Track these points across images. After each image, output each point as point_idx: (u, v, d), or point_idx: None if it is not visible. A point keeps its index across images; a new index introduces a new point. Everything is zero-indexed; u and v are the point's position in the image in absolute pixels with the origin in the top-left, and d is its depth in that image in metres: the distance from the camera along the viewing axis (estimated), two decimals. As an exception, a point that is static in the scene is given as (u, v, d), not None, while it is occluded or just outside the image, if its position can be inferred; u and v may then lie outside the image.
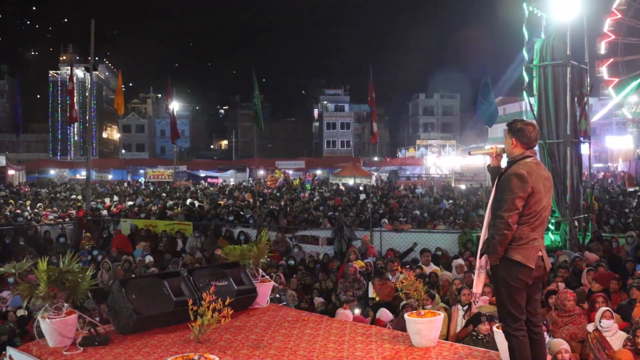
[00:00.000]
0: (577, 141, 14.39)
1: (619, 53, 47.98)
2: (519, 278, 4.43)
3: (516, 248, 4.42)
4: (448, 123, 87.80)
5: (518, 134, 4.59)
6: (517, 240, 4.43)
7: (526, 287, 4.50)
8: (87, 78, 66.53)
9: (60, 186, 44.75)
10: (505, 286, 4.49)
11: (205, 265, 11.05)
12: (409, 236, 15.48)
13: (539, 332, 4.63)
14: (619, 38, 47.26)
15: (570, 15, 14.25)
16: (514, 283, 4.45)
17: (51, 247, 16.93)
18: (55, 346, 5.34)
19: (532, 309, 4.61)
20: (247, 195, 30.01)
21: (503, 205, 4.43)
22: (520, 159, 4.55)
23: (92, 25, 23.21)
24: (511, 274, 4.45)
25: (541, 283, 4.70)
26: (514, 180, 4.41)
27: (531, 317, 4.59)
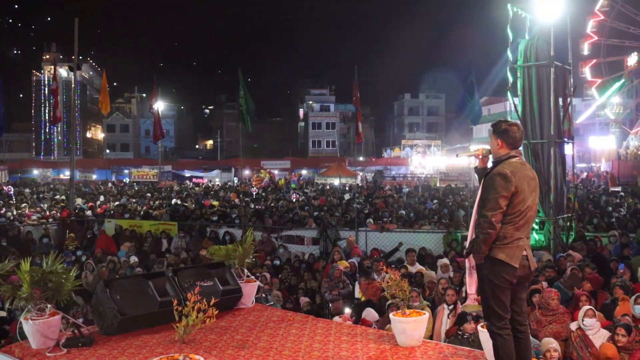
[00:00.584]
0: (560, 141, 14.48)
1: (602, 54, 48.44)
2: (503, 277, 4.45)
3: (500, 247, 4.45)
4: (433, 123, 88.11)
5: (503, 135, 4.62)
6: (502, 239, 4.45)
7: (510, 286, 4.51)
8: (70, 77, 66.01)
9: (44, 186, 44.41)
10: (489, 285, 4.51)
11: (190, 266, 11.01)
12: (394, 236, 15.51)
13: (524, 330, 4.65)
14: (601, 39, 47.69)
15: (554, 16, 14.33)
16: (498, 282, 4.48)
17: (34, 248, 16.79)
18: (38, 347, 5.30)
19: (518, 307, 4.63)
20: (232, 195, 29.94)
21: (487, 204, 4.45)
22: (505, 159, 4.59)
23: (76, 24, 23.06)
24: (495, 272, 4.47)
25: (527, 282, 4.73)
26: (498, 179, 4.44)
27: (517, 316, 4.62)
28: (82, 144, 79.40)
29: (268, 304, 8.10)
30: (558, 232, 13.93)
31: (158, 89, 37.87)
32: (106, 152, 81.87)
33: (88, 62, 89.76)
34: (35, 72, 79.36)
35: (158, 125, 33.03)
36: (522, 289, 4.67)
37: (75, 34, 23.11)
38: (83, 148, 79.34)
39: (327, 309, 9.85)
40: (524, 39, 14.85)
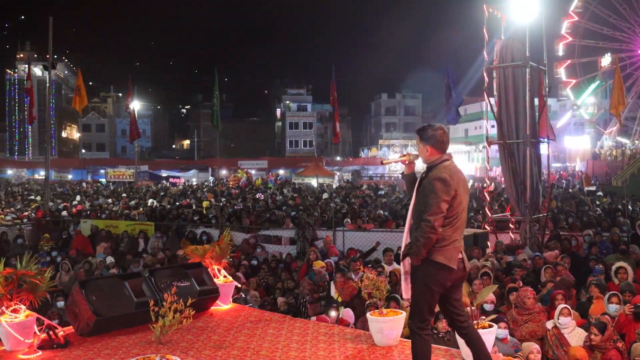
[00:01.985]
0: (536, 141, 14.63)
1: (576, 55, 49.02)
2: (438, 280, 4.49)
3: (439, 249, 4.47)
4: (410, 123, 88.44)
5: (431, 141, 4.65)
6: (440, 241, 4.48)
7: (443, 289, 4.55)
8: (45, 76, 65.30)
9: (18, 186, 43.87)
10: (422, 287, 4.54)
11: (166, 266, 10.94)
12: (372, 235, 15.54)
13: (467, 326, 4.70)
14: (576, 40, 48.26)
15: (529, 17, 14.49)
16: (432, 285, 4.51)
17: (9, 249, 16.56)
18: (12, 349, 5.23)
19: (455, 308, 4.68)
20: (208, 195, 29.83)
21: (429, 209, 4.45)
22: (439, 163, 4.62)
23: (50, 23, 22.83)
24: (431, 275, 4.50)
25: (461, 283, 4.77)
26: (438, 184, 4.46)
27: (457, 316, 4.68)
28: (58, 143, 78.62)
29: (247, 305, 8.07)
30: (534, 231, 14.08)
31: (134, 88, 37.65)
32: (82, 151, 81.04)
33: (63, 61, 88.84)
34: (9, 71, 78.33)
35: (134, 125, 32.77)
36: (457, 291, 4.71)
37: (50, 32, 22.88)
38: (58, 148, 78.57)
39: (304, 309, 9.85)
40: (500, 39, 14.98)
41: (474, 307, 5.07)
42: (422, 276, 4.53)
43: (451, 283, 4.56)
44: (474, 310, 5.05)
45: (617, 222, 16.46)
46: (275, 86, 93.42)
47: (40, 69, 63.17)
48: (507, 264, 11.17)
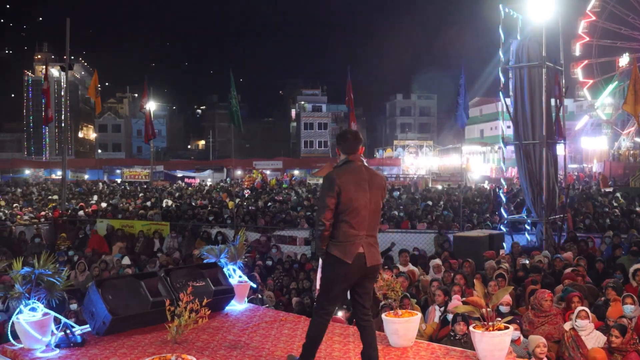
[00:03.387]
0: (552, 142, 14.53)
1: (593, 55, 48.65)
2: (335, 272, 4.81)
3: (336, 244, 4.76)
4: (425, 123, 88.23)
5: (339, 143, 5.00)
6: (336, 237, 4.77)
7: (345, 281, 4.83)
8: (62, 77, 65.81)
9: (36, 186, 44.25)
10: (323, 278, 4.93)
11: (182, 266, 10.98)
12: (387, 236, 15.51)
13: (367, 319, 4.94)
14: (593, 40, 47.90)
15: (545, 17, 14.39)
16: (332, 275, 4.82)
17: (26, 248, 16.73)
18: (30, 347, 5.28)
19: (363, 301, 4.95)
20: (223, 195, 29.89)
21: (318, 205, 4.95)
22: (342, 164, 4.92)
23: (68, 24, 22.99)
24: (331, 266, 4.81)
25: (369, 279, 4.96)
26: (324, 182, 4.86)
27: (362, 308, 4.95)
28: (74, 143, 79.18)
29: (263, 305, 8.08)
30: (550, 232, 13.98)
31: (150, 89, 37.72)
32: (98, 152, 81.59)
33: (80, 62, 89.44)
34: (27, 72, 79.02)
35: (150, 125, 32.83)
36: (365, 284, 4.95)
37: (67, 34, 23.05)
38: (75, 148, 79.12)
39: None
40: (516, 39, 14.90)
41: (490, 308, 5.02)
42: (324, 268, 4.93)
43: (352, 276, 4.81)
44: (489, 312, 5.00)
45: (635, 224, 16.29)
46: (290, 86, 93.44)
47: (57, 70, 63.70)
48: (522, 266, 11.11)
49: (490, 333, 4.85)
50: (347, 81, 24.79)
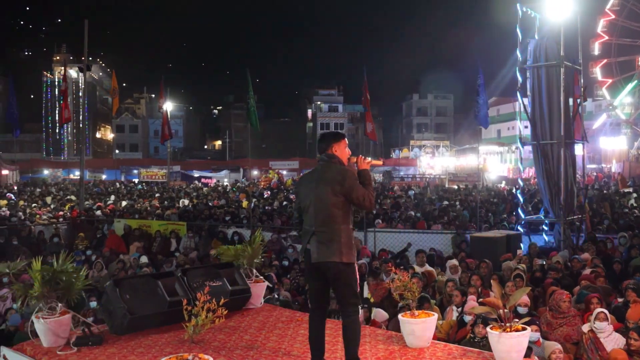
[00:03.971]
0: (570, 142, 14.42)
1: (613, 54, 48.16)
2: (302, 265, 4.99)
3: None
4: (442, 124, 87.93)
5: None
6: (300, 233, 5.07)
7: (306, 276, 5.20)
8: (80, 78, 66.39)
9: (54, 186, 44.67)
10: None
11: (199, 266, 11.03)
12: (403, 236, 15.48)
13: (347, 317, 4.84)
14: (612, 39, 47.43)
15: (563, 16, 14.29)
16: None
17: (45, 247, 16.88)
18: (49, 346, 5.34)
19: (338, 298, 4.99)
20: (241, 195, 29.98)
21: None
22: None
23: (86, 25, 23.16)
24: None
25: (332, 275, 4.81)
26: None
27: (340, 305, 4.93)
28: (92, 144, 79.80)
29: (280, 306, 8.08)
30: (568, 233, 13.87)
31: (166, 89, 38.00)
32: (115, 152, 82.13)
33: (98, 63, 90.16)
34: (46, 73, 79.76)
35: (166, 126, 33.09)
36: (331, 282, 4.88)
37: (85, 35, 23.22)
38: (93, 148, 79.72)
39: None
40: (534, 38, 14.81)
41: (507, 309, 4.98)
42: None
43: (309, 272, 4.97)
44: (507, 313, 4.96)
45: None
46: (306, 87, 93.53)
47: (75, 71, 64.23)
48: (540, 267, 11.02)
49: (508, 334, 4.82)
50: (364, 81, 24.80)
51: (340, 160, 5.05)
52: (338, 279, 4.81)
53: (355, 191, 4.82)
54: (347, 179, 4.85)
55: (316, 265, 4.80)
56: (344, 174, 4.89)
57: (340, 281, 4.82)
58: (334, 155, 5.03)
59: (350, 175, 4.90)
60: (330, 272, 4.78)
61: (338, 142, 5.10)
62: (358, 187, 4.84)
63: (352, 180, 4.86)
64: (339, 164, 5.01)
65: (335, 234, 4.78)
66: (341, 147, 5.09)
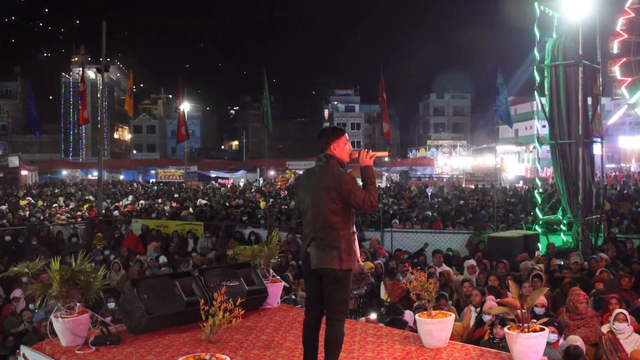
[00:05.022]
0: (589, 141, 14.29)
1: (632, 52, 47.59)
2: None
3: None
4: (459, 123, 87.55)
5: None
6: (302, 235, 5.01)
7: (305, 278, 4.99)
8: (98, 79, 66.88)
9: (73, 186, 45.08)
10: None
11: (216, 266, 11.06)
12: (420, 236, 15.44)
13: (332, 324, 4.67)
14: (632, 37, 46.89)
15: (582, 14, 14.15)
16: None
17: (63, 247, 17.03)
18: (67, 345, 5.38)
19: (326, 304, 4.72)
20: (257, 195, 30.06)
21: None
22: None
23: (104, 27, 23.33)
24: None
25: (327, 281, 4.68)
26: None
27: (327, 311, 4.72)
28: (110, 144, 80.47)
29: (296, 305, 8.09)
30: (586, 233, 13.74)
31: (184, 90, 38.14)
32: (133, 152, 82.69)
33: (115, 64, 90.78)
34: (64, 74, 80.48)
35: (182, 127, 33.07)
36: (324, 286, 4.70)
37: (103, 36, 23.40)
38: (110, 149, 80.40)
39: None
40: (551, 37, 14.69)
41: (524, 310, 4.94)
42: None
43: (307, 276, 4.88)
44: (524, 314, 4.92)
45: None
46: (323, 87, 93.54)
47: (93, 72, 64.61)
48: (558, 267, 10.94)
49: (525, 335, 4.79)
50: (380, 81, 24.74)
51: (340, 160, 4.86)
52: (333, 286, 4.68)
53: (354, 196, 4.63)
54: (344, 184, 4.65)
55: (315, 271, 4.72)
56: (340, 179, 4.68)
57: (335, 288, 4.68)
58: (333, 156, 4.83)
59: (348, 180, 4.69)
60: (328, 277, 4.67)
61: (336, 140, 4.89)
62: (357, 191, 4.64)
63: (350, 185, 4.65)
64: (338, 164, 4.82)
65: (334, 241, 4.64)
66: (340, 145, 4.88)
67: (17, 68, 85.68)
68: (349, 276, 4.73)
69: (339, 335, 4.70)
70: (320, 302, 4.78)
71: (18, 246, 17.02)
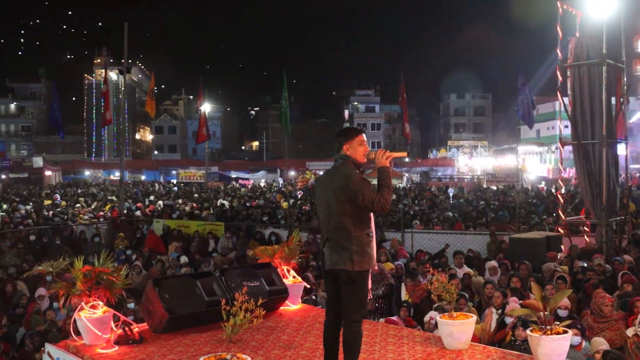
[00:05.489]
0: (613, 141, 14.11)
1: (657, 51, 47.03)
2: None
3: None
4: (480, 123, 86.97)
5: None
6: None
7: (327, 279, 4.93)
8: (120, 80, 67.51)
9: (95, 186, 45.52)
10: None
11: (237, 266, 11.10)
12: (441, 237, 15.37)
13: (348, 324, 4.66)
14: (657, 36, 46.32)
15: (606, 13, 13.96)
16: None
17: (86, 247, 17.21)
18: (91, 343, 5.43)
19: (342, 304, 4.71)
20: (277, 196, 30.11)
21: None
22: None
23: (125, 29, 23.50)
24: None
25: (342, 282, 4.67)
26: None
27: (344, 313, 4.70)
28: (132, 145, 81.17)
29: (317, 306, 8.09)
30: (610, 235, 13.57)
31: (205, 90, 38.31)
32: (154, 153, 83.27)
33: (137, 66, 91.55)
34: (87, 75, 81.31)
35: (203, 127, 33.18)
36: (342, 288, 4.70)
37: (125, 38, 23.56)
38: (132, 149, 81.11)
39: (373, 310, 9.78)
40: (574, 36, 14.54)
41: (547, 312, 4.89)
42: None
43: (324, 276, 4.98)
44: (547, 316, 4.87)
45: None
46: (343, 87, 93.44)
47: (115, 74, 65.41)
48: (582, 269, 10.82)
49: (548, 337, 4.74)
50: (401, 81, 24.69)
51: (355, 160, 4.79)
52: (347, 286, 4.66)
53: (361, 196, 4.56)
54: (351, 184, 4.61)
55: (329, 271, 4.75)
56: (348, 180, 4.64)
57: (349, 289, 4.66)
58: (348, 156, 4.79)
59: (356, 180, 4.63)
60: (342, 278, 4.67)
61: (349, 141, 4.83)
62: (364, 192, 4.56)
63: (357, 186, 4.60)
64: (353, 165, 4.77)
65: (345, 242, 4.62)
66: (354, 146, 4.81)
67: (41, 70, 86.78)
68: (364, 277, 4.70)
69: (356, 336, 4.68)
70: (338, 302, 4.76)
71: (42, 245, 17.24)
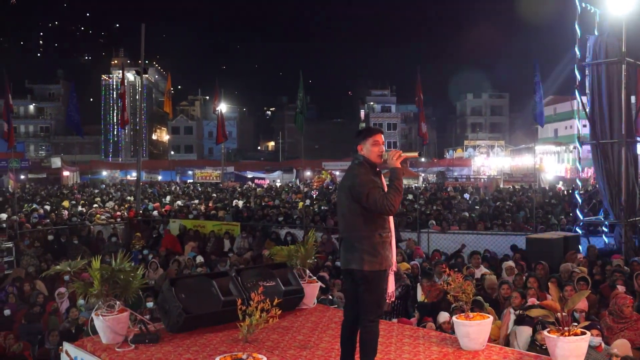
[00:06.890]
0: (632, 141, 13.96)
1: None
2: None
3: None
4: (497, 123, 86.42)
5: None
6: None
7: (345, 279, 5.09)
8: (137, 81, 67.91)
9: (112, 187, 45.83)
10: None
11: (253, 266, 11.12)
12: (457, 238, 15.30)
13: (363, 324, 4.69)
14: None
15: (625, 10, 13.79)
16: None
17: (103, 247, 17.33)
18: (108, 342, 5.47)
19: (359, 304, 4.73)
20: (298, 195, 30.12)
21: None
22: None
23: (142, 29, 23.60)
24: None
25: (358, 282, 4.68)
26: None
27: (359, 313, 4.73)
28: (148, 145, 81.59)
29: (332, 306, 8.08)
30: (629, 235, 13.43)
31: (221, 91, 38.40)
32: (171, 153, 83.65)
33: (154, 66, 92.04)
34: (105, 76, 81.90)
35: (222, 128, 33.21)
36: (358, 288, 4.72)
37: (142, 39, 23.66)
38: (149, 150, 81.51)
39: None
40: (593, 35, 14.40)
41: (565, 313, 4.84)
42: None
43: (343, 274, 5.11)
44: (565, 317, 4.82)
45: None
46: (359, 87, 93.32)
47: (132, 74, 65.74)
48: (600, 269, 10.70)
49: (566, 338, 4.69)
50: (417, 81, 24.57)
51: (369, 160, 4.79)
52: (362, 286, 4.67)
53: (366, 196, 4.56)
54: (356, 185, 4.63)
55: (345, 270, 4.82)
56: (354, 180, 4.68)
57: (364, 288, 4.66)
58: (363, 156, 4.80)
59: (361, 180, 4.64)
60: (356, 277, 4.68)
61: (363, 141, 4.83)
62: (369, 192, 4.56)
63: (362, 186, 4.60)
64: (367, 165, 4.77)
65: (356, 241, 4.64)
66: (367, 146, 4.80)
67: (59, 71, 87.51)
68: (378, 277, 4.67)
69: (373, 337, 4.70)
70: (357, 302, 4.76)
71: (60, 245, 17.37)
